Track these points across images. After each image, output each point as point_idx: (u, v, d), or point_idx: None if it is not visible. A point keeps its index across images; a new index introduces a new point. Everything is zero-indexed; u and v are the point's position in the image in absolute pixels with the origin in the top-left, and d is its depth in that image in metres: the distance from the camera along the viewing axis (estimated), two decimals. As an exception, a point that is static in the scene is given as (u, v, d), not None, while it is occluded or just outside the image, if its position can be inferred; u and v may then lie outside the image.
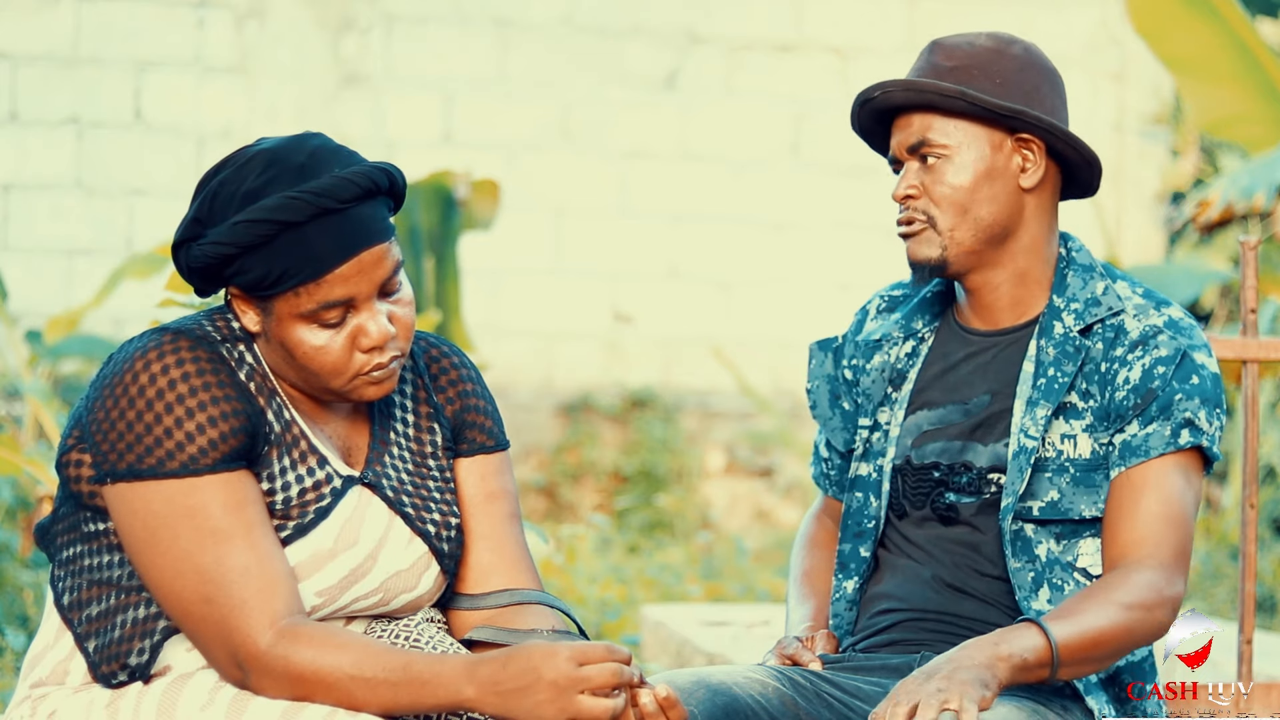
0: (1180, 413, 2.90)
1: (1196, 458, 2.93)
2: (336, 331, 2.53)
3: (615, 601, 6.44)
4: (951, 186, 2.96)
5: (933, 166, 2.96)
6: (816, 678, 2.92)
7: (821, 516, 3.24)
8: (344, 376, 2.56)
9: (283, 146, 2.53)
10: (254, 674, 2.48)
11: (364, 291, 2.52)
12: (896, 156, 3.01)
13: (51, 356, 8.08)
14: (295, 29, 9.69)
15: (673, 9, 10.08)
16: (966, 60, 2.96)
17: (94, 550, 2.57)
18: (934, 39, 3.02)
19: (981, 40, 2.99)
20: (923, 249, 2.98)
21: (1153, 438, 2.90)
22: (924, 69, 2.99)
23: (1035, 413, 2.94)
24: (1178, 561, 2.87)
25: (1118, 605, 2.80)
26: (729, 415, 10.15)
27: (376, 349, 2.55)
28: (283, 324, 2.53)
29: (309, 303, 2.51)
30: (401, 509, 2.64)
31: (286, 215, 2.47)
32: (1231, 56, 7.47)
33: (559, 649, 2.41)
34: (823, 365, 3.18)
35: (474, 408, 2.75)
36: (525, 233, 9.87)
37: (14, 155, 9.30)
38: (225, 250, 2.50)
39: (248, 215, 2.48)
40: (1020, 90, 2.96)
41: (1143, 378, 2.92)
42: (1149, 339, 2.93)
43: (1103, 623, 2.77)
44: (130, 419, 2.50)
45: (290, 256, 2.48)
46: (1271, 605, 7.36)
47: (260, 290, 2.52)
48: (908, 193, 2.97)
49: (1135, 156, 10.31)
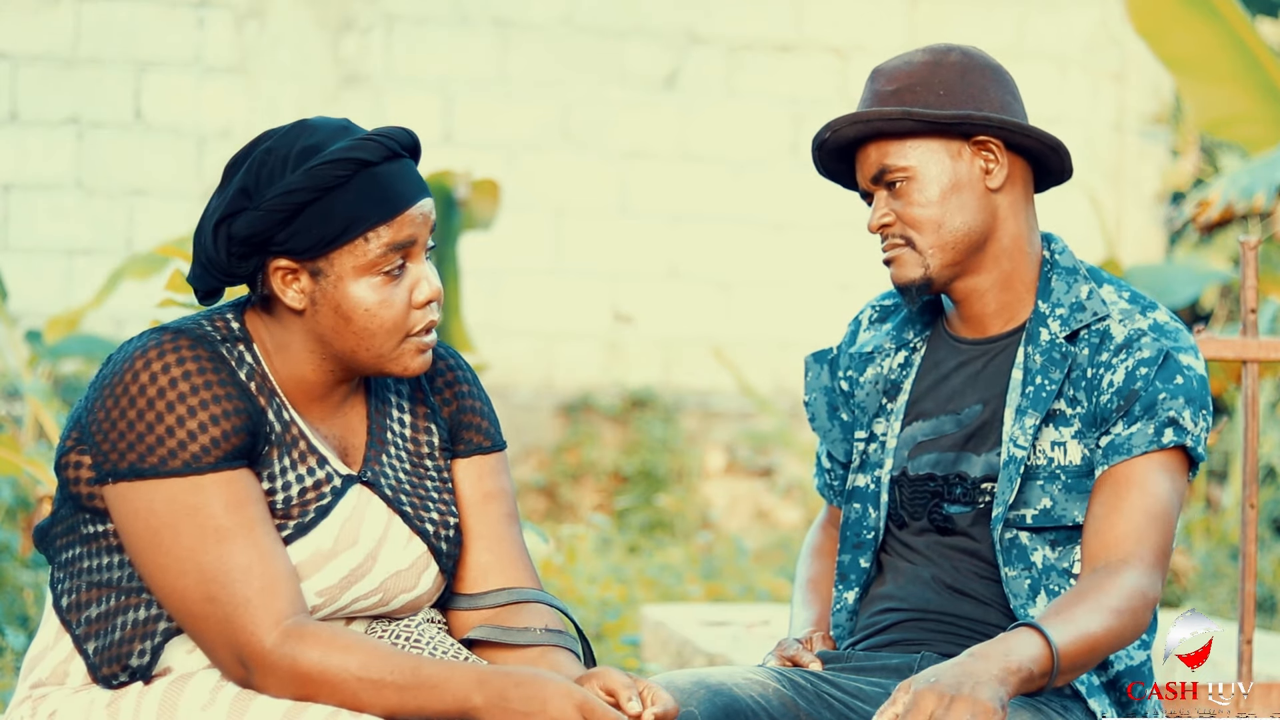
0: (1164, 412, 2.89)
1: (1181, 458, 2.91)
2: (396, 284, 2.56)
3: (615, 601, 6.44)
4: (921, 206, 2.96)
5: (899, 191, 2.97)
6: (817, 678, 2.92)
7: (826, 526, 3.25)
8: (398, 335, 2.57)
9: (315, 118, 2.60)
10: (258, 673, 2.48)
11: (422, 238, 2.58)
12: (865, 190, 3.02)
13: (51, 356, 8.08)
14: (295, 29, 9.69)
15: (673, 9, 10.08)
16: (906, 80, 2.97)
17: (93, 552, 2.57)
18: (874, 67, 3.04)
19: (918, 57, 3.00)
20: (906, 271, 2.98)
21: (1136, 436, 2.89)
22: (868, 99, 3.00)
23: (1024, 421, 2.94)
24: (1159, 561, 2.86)
25: (1110, 611, 2.77)
26: (729, 415, 10.15)
27: (429, 303, 2.58)
28: (342, 283, 2.54)
29: (377, 248, 2.54)
30: (400, 508, 2.65)
31: (364, 154, 2.52)
32: (1231, 56, 7.47)
33: (573, 692, 2.43)
34: (819, 377, 3.18)
35: (470, 409, 2.75)
36: (525, 233, 9.87)
37: (14, 155, 9.30)
38: (296, 200, 2.50)
39: (325, 157, 2.51)
40: (965, 95, 2.96)
41: (1126, 379, 2.91)
42: (1133, 342, 2.93)
43: (1096, 629, 2.75)
44: (131, 418, 2.50)
45: (366, 197, 2.52)
46: (1271, 605, 7.37)
47: (322, 246, 2.52)
48: (882, 222, 2.98)
49: (1135, 156, 10.31)
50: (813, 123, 10.23)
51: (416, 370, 2.61)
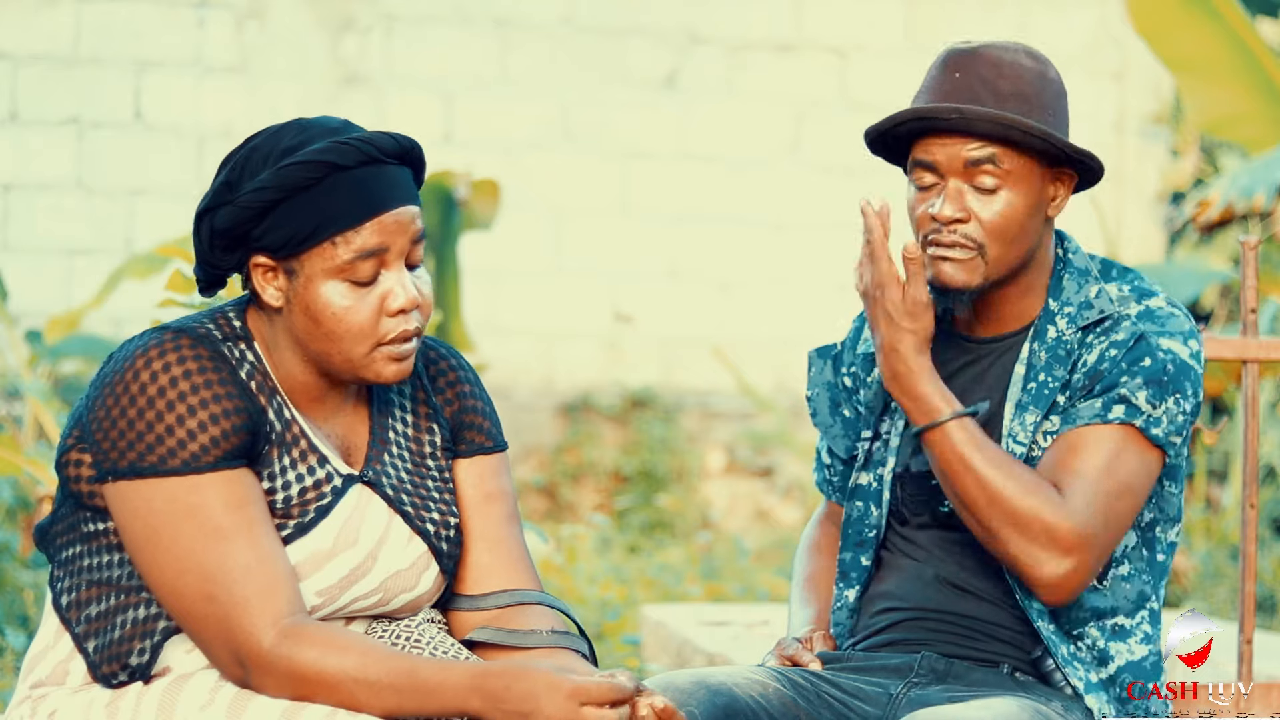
0: (1118, 389, 2.87)
1: (1134, 437, 2.86)
2: (367, 291, 2.54)
3: (615, 601, 6.43)
4: (1006, 217, 2.89)
5: (989, 193, 2.89)
6: (816, 678, 2.92)
7: (825, 522, 3.24)
8: (368, 343, 2.55)
9: (312, 118, 2.59)
10: (256, 672, 2.48)
11: (398, 246, 2.54)
12: (941, 171, 2.90)
13: (51, 356, 8.08)
14: (295, 29, 9.69)
15: (673, 9, 10.08)
16: (1020, 85, 2.88)
17: (93, 550, 2.57)
18: (966, 46, 2.91)
19: (1024, 60, 2.91)
20: (964, 275, 2.90)
21: (1084, 410, 2.88)
22: (976, 87, 2.88)
23: (1024, 417, 2.93)
24: (1087, 509, 2.80)
25: (1029, 497, 2.79)
26: (729, 415, 10.15)
27: (403, 313, 2.55)
28: (312, 284, 2.53)
29: (345, 253, 2.52)
30: (401, 508, 2.64)
31: (335, 158, 2.51)
32: (1231, 56, 7.47)
33: (563, 683, 2.42)
34: (822, 373, 3.17)
35: (472, 409, 2.75)
36: (525, 233, 9.87)
37: (14, 155, 9.30)
38: (266, 198, 2.50)
39: (297, 158, 2.50)
40: (1063, 120, 2.92)
41: (1096, 360, 2.90)
42: (1114, 327, 2.92)
43: (987, 472, 2.80)
44: (131, 417, 2.50)
45: (334, 201, 2.51)
46: (1271, 605, 7.37)
47: (293, 246, 2.52)
48: (956, 215, 2.88)
49: (1135, 156, 10.32)
50: (813, 123, 10.24)
51: (391, 378, 2.58)
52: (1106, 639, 2.93)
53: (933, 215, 2.90)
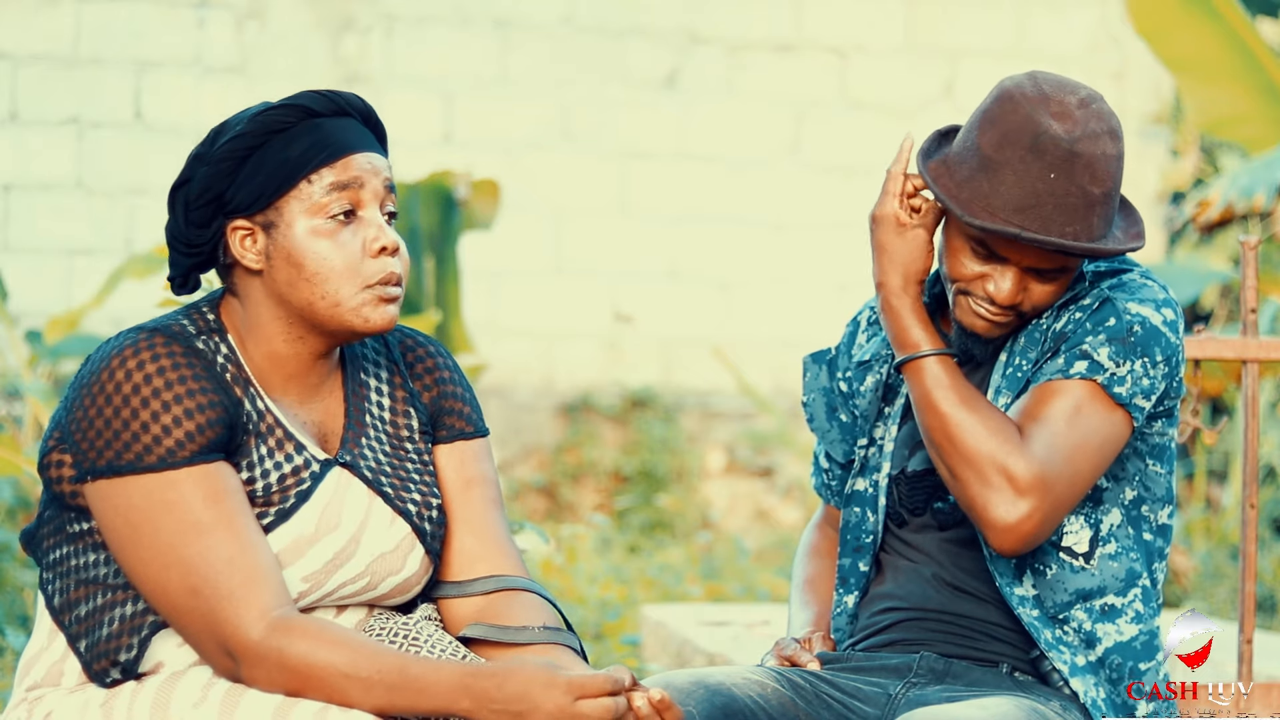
0: (1080, 346, 2.87)
1: (1098, 395, 2.86)
2: (347, 229, 2.58)
3: (615, 601, 6.44)
4: (1055, 295, 2.93)
5: (1047, 281, 2.91)
6: (815, 678, 2.92)
7: (823, 526, 3.24)
8: (355, 282, 2.57)
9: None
10: (245, 664, 2.48)
11: (371, 186, 2.59)
12: (1009, 260, 2.89)
13: (51, 356, 8.08)
14: (295, 29, 9.69)
15: (673, 9, 10.08)
16: (1107, 185, 2.89)
17: (80, 550, 2.58)
18: (1063, 134, 2.85)
19: (1107, 147, 2.89)
20: (997, 333, 2.94)
21: (1047, 367, 2.89)
22: (1073, 197, 2.86)
23: (999, 401, 2.94)
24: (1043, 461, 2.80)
25: (990, 438, 2.80)
26: (729, 415, 10.15)
27: (384, 252, 2.58)
28: (291, 229, 2.56)
29: (320, 189, 2.56)
30: (380, 489, 2.65)
31: (309, 103, 2.58)
32: (1231, 56, 7.47)
33: (557, 680, 2.42)
34: (818, 378, 3.17)
35: (451, 394, 2.76)
36: (525, 233, 9.88)
37: (14, 155, 9.30)
38: (243, 145, 2.55)
39: (271, 105, 2.58)
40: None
41: (1063, 326, 2.92)
42: (1082, 295, 2.94)
43: (962, 423, 2.82)
44: (108, 416, 2.51)
45: (310, 143, 2.56)
46: (1271, 605, 7.37)
47: (269, 194, 2.56)
48: (1015, 300, 2.90)
49: (1135, 156, 10.31)
50: (813, 123, 10.24)
51: (380, 324, 2.60)
52: (1094, 620, 2.92)
53: (989, 291, 2.90)
